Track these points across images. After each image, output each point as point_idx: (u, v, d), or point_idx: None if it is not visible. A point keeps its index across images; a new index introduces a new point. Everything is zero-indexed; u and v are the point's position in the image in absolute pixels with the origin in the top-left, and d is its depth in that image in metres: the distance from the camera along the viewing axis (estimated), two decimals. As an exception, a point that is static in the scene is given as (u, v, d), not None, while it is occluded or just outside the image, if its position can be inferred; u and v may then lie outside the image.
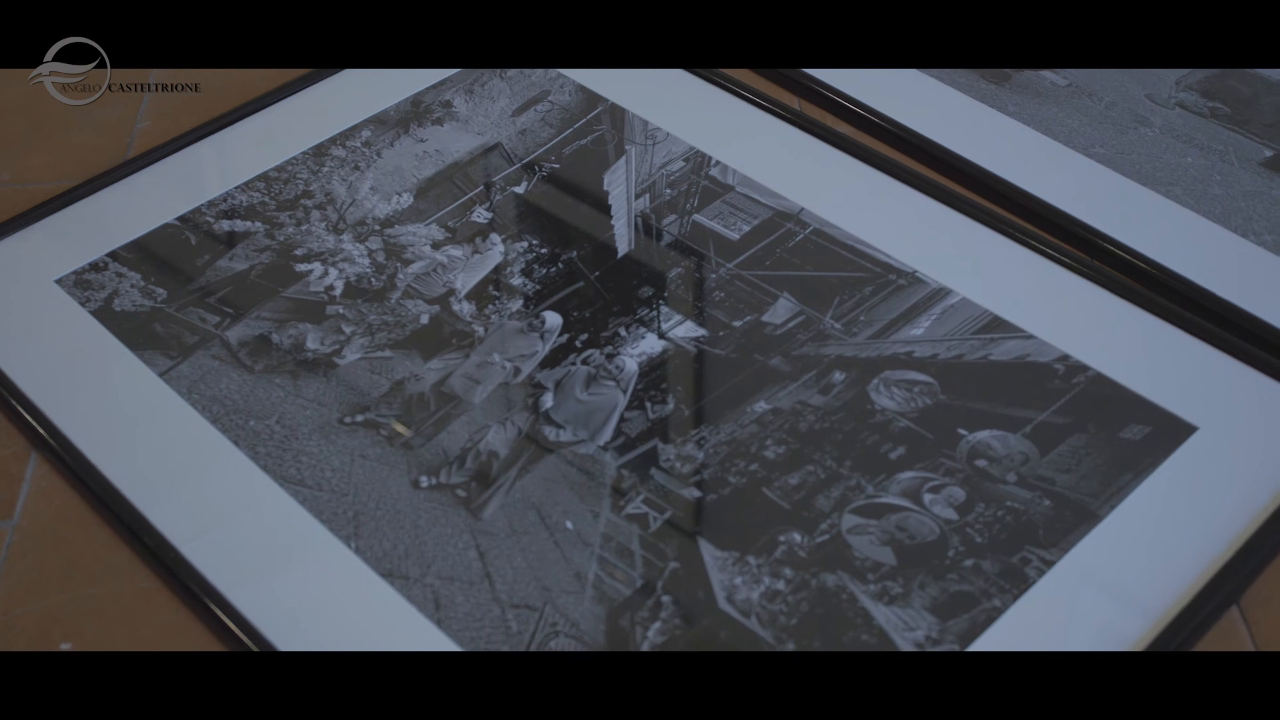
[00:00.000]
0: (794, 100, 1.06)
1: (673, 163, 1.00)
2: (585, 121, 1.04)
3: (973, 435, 0.83)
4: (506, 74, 1.08)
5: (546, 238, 0.96)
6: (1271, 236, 0.95)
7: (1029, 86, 1.06)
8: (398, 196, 0.99)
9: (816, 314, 0.90)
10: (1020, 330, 0.88)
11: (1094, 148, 1.01)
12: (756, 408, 0.84)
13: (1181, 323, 0.89)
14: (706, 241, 0.95)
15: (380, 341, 0.90)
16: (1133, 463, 0.81)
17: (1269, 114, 1.04)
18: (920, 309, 0.90)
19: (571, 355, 0.88)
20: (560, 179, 1.00)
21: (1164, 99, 1.06)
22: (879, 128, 1.03)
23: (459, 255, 0.95)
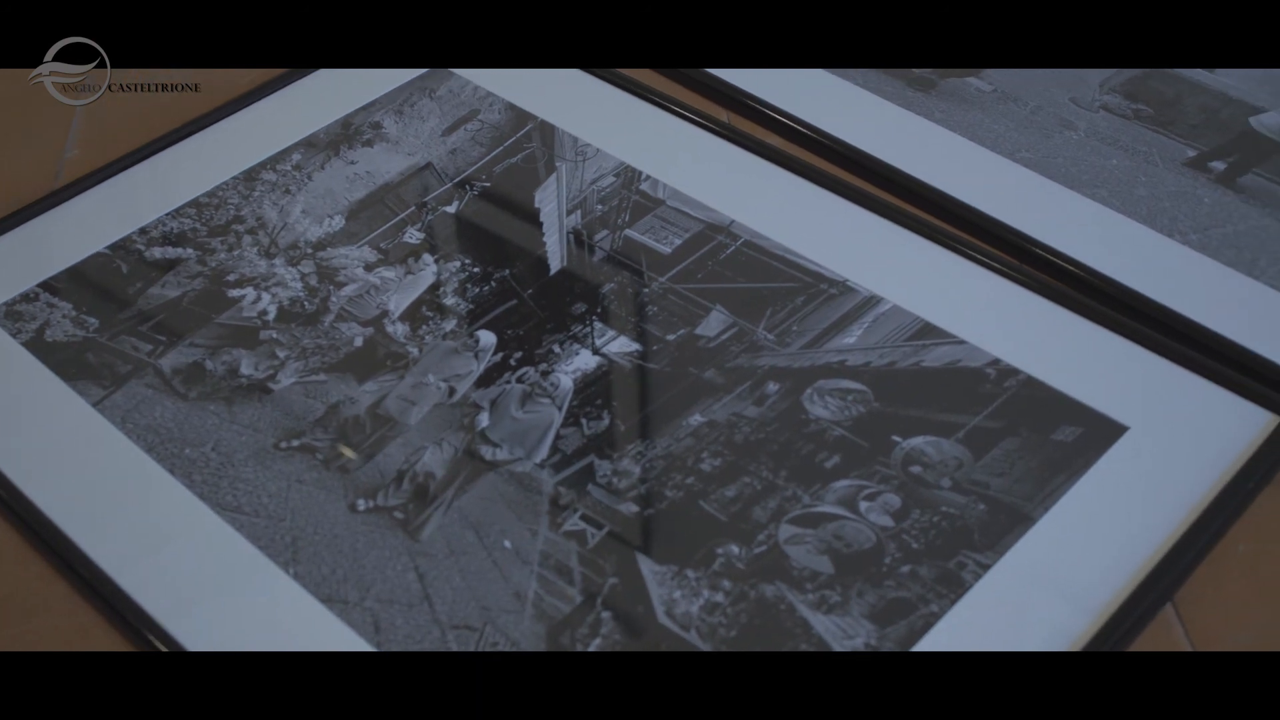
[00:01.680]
0: (723, 113, 1.07)
1: (603, 178, 1.01)
2: (515, 139, 1.04)
3: (907, 442, 0.83)
4: (436, 94, 1.08)
5: (479, 256, 0.96)
6: (1197, 235, 0.96)
7: (955, 93, 1.07)
8: (329, 219, 0.99)
9: (749, 325, 0.90)
10: (951, 336, 0.89)
11: (1020, 152, 1.02)
12: (692, 421, 0.85)
13: (1110, 324, 0.90)
14: (639, 256, 0.95)
15: (314, 365, 0.89)
16: (1065, 464, 0.82)
17: (1192, 115, 1.06)
18: (852, 317, 0.90)
19: (506, 374, 0.88)
20: (492, 197, 1.00)
21: (1088, 102, 1.07)
22: (807, 138, 1.04)
23: (392, 276, 0.95)
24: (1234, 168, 1.01)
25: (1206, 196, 0.99)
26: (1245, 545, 0.80)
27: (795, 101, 1.06)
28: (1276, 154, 1.02)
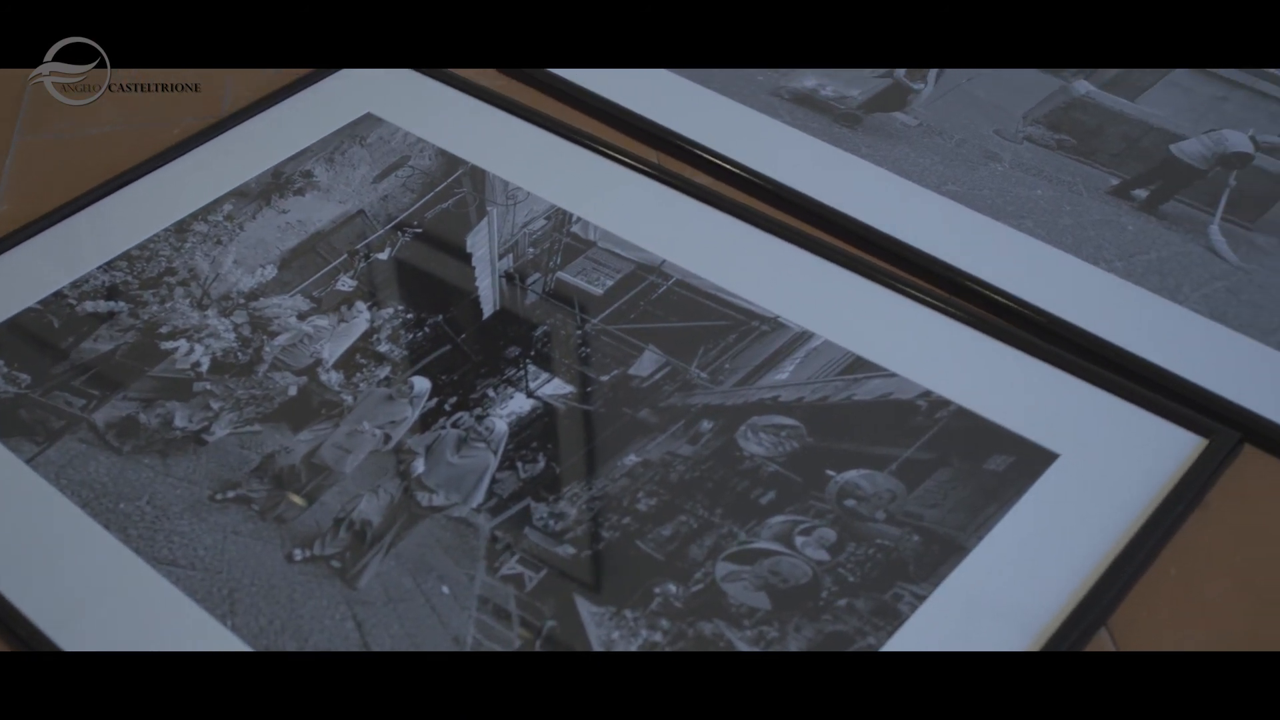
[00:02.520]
0: (653, 154, 1.08)
1: (534, 221, 1.01)
2: (446, 184, 1.05)
3: (841, 476, 0.84)
4: (367, 141, 1.09)
5: (412, 303, 0.96)
6: (1121, 263, 0.97)
7: (881, 128, 1.08)
8: (262, 269, 0.99)
9: (682, 364, 0.91)
10: (882, 369, 0.90)
11: (946, 185, 1.03)
12: (627, 461, 0.85)
13: (1039, 352, 0.91)
14: (571, 298, 0.96)
15: (249, 416, 0.89)
16: (997, 493, 0.83)
17: (1114, 143, 1.07)
18: (784, 353, 0.91)
19: (441, 419, 0.88)
20: (424, 243, 1.01)
21: (1012, 134, 1.08)
22: (736, 176, 1.04)
23: (325, 325, 0.95)
24: (1156, 195, 1.03)
25: (1130, 224, 1.00)
26: (1176, 568, 0.81)
27: (724, 140, 1.07)
28: (1197, 180, 1.04)
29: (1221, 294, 0.95)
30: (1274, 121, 1.09)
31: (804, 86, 1.13)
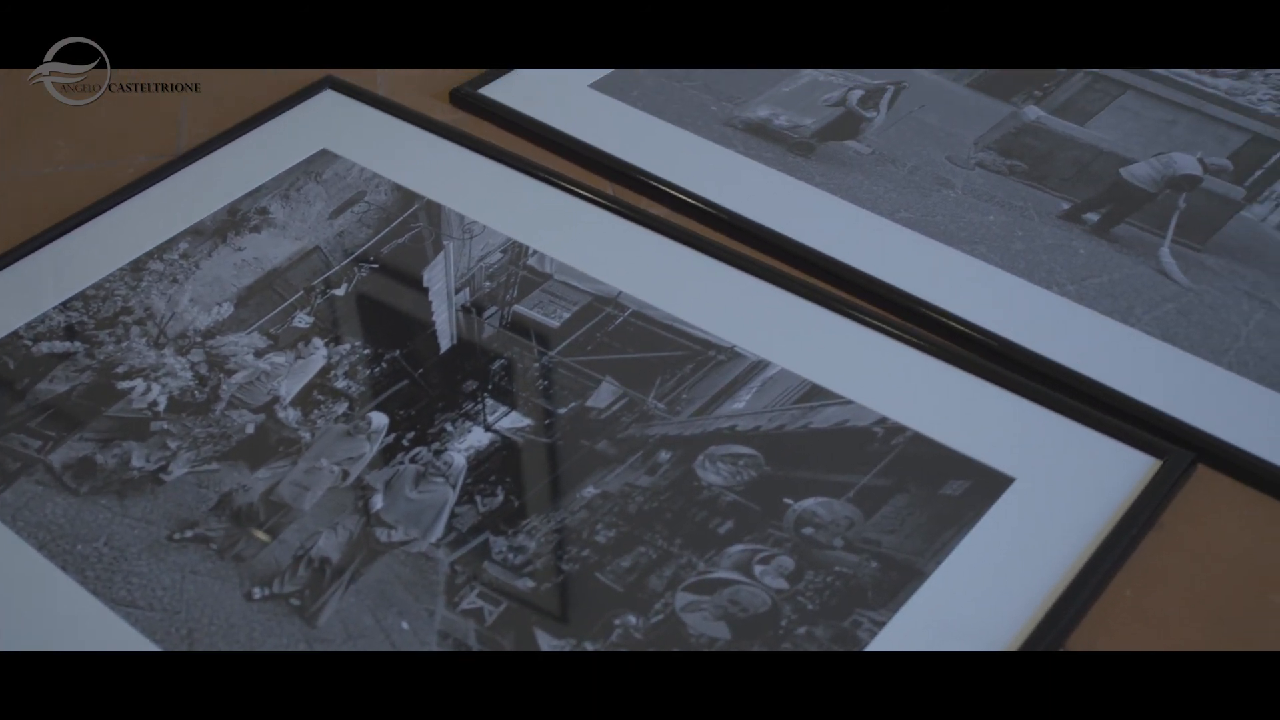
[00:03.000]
0: (608, 185, 1.08)
1: (491, 255, 1.02)
2: (402, 219, 1.05)
3: (798, 504, 0.84)
4: (322, 177, 1.09)
5: (369, 338, 0.97)
6: (1074, 286, 0.98)
7: (834, 157, 1.09)
8: (218, 307, 0.99)
9: (639, 395, 0.91)
10: (839, 396, 0.90)
11: (899, 212, 1.04)
12: (585, 493, 0.85)
13: (993, 377, 0.92)
14: (528, 331, 0.96)
15: (206, 454, 0.89)
16: (954, 518, 0.83)
17: (1065, 168, 1.08)
18: (740, 383, 0.92)
19: (399, 454, 0.88)
20: (380, 278, 1.01)
21: (964, 160, 1.09)
22: (692, 207, 1.05)
23: (282, 362, 0.95)
24: (1107, 218, 1.04)
25: (1082, 248, 1.01)
26: (1132, 589, 0.81)
27: (679, 171, 1.08)
28: (1147, 203, 1.05)
29: (1173, 315, 0.96)
30: (1221, 144, 1.10)
31: (757, 116, 1.13)
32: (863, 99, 1.15)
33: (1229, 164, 1.08)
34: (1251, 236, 1.02)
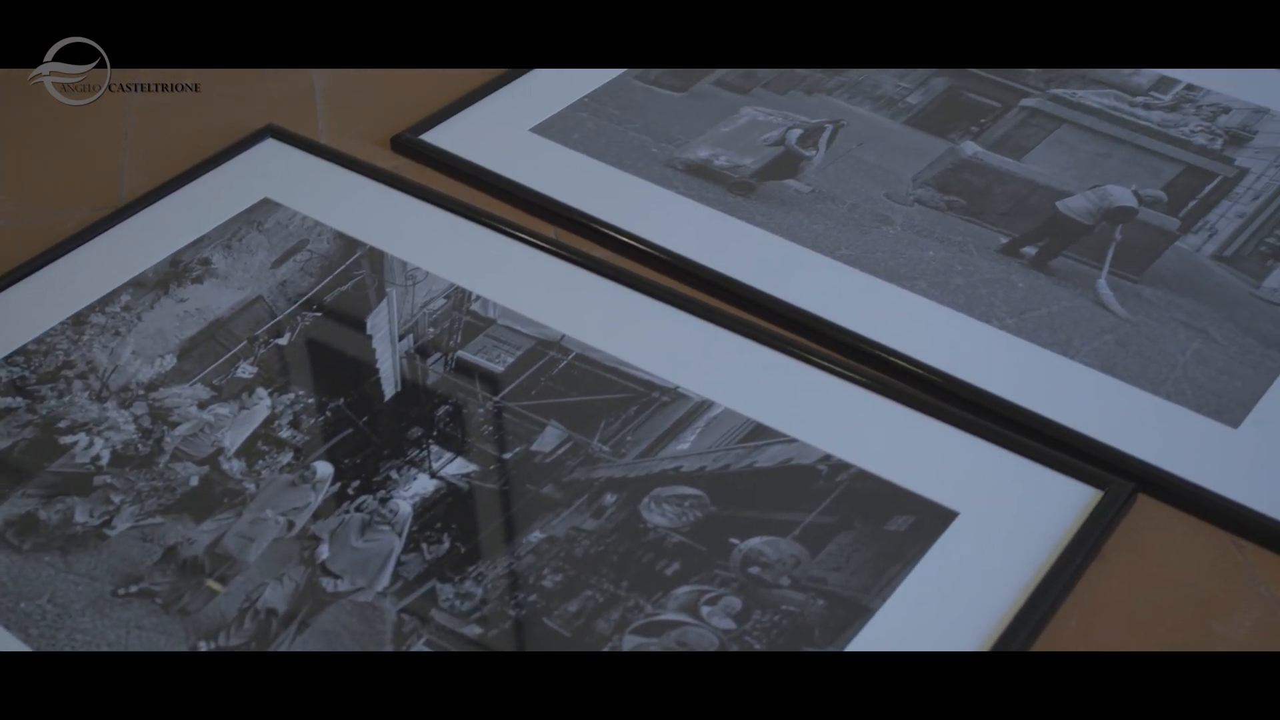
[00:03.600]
0: (550, 229, 1.08)
1: (434, 301, 1.02)
2: (345, 267, 1.05)
3: (744, 543, 0.85)
4: (264, 226, 1.09)
5: (313, 387, 0.96)
6: (1013, 320, 0.99)
7: (774, 196, 1.10)
8: (160, 359, 0.99)
9: (584, 439, 0.91)
10: (783, 435, 0.91)
11: (840, 249, 1.05)
12: (532, 538, 0.85)
13: (935, 412, 0.92)
14: (472, 377, 0.96)
15: (150, 508, 0.89)
16: (899, 554, 0.84)
17: (1002, 203, 1.09)
18: (684, 424, 0.92)
19: (345, 503, 0.88)
20: (324, 327, 1.01)
21: (903, 197, 1.10)
22: (634, 249, 1.05)
23: (226, 413, 0.95)
24: (1045, 251, 1.05)
25: (1020, 281, 1.02)
26: (1077, 620, 0.82)
27: (620, 213, 1.08)
28: (1084, 235, 1.06)
29: (1111, 346, 0.97)
30: (1155, 176, 1.11)
31: (697, 157, 1.14)
32: (801, 138, 1.16)
33: (1163, 195, 1.10)
34: (1187, 266, 1.04)
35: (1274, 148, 1.14)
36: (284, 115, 1.21)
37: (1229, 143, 1.15)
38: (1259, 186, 1.11)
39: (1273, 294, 1.01)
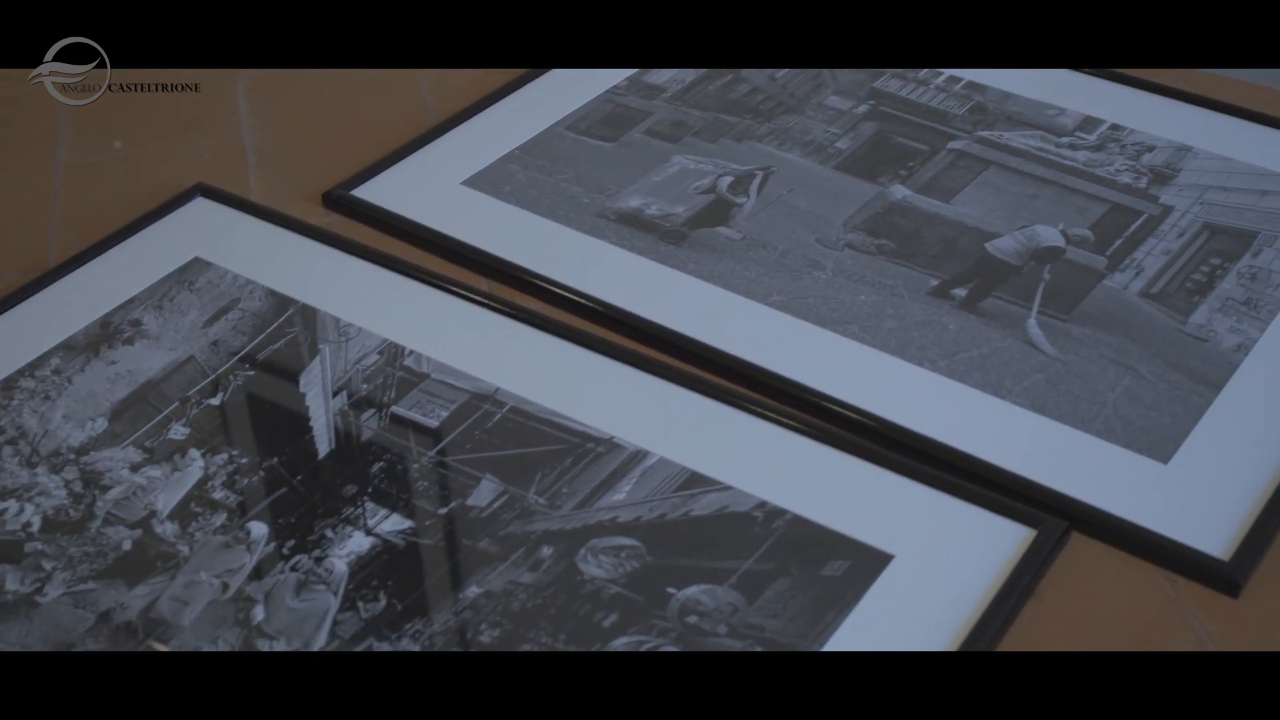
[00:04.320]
0: (483, 282, 1.09)
1: (367, 357, 1.02)
2: (277, 325, 1.05)
3: (682, 592, 0.85)
4: (195, 285, 1.08)
5: (246, 447, 0.96)
6: (945, 361, 1.00)
7: (705, 243, 1.10)
8: (92, 422, 0.98)
9: (520, 492, 0.91)
10: (718, 483, 0.91)
11: (772, 295, 1.05)
12: (468, 593, 0.85)
13: (869, 455, 0.93)
14: (406, 432, 0.96)
15: (83, 574, 0.88)
16: (836, 599, 0.84)
17: (932, 245, 1.10)
18: (620, 474, 0.92)
19: (280, 563, 0.88)
20: (256, 386, 1.00)
21: (833, 241, 1.11)
22: (567, 300, 1.06)
23: (158, 475, 0.94)
24: (975, 293, 1.06)
25: (951, 323, 1.03)
26: (1014, 660, 0.83)
27: (552, 264, 1.08)
28: (1013, 276, 1.07)
29: (1042, 386, 0.98)
30: (1082, 215, 1.13)
31: (629, 206, 1.15)
32: (732, 185, 1.17)
33: (1090, 234, 1.11)
34: (1115, 304, 1.05)
35: (1197, 184, 1.16)
36: (214, 173, 1.21)
37: (1154, 181, 1.16)
38: (1183, 223, 1.12)
39: (1199, 330, 1.02)
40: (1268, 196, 1.14)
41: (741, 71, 1.31)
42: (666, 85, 1.30)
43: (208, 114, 1.29)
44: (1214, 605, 0.85)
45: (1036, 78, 1.28)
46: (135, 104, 1.28)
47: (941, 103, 1.26)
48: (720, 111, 1.26)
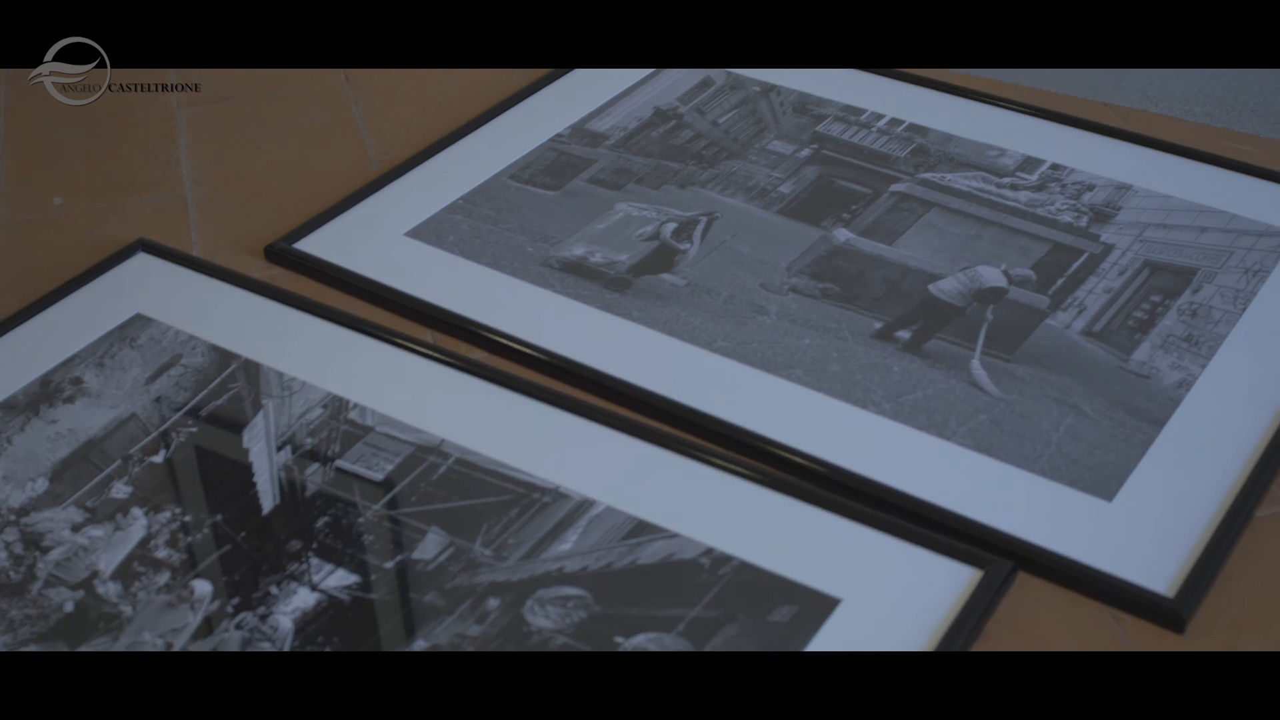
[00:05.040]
0: (427, 333, 1.08)
1: (311, 411, 1.01)
2: (220, 380, 1.04)
3: (629, 641, 0.84)
4: (137, 342, 1.08)
5: (190, 504, 0.95)
6: (889, 404, 1.00)
7: (650, 290, 1.10)
8: (32, 482, 0.97)
9: (466, 543, 0.91)
10: (665, 530, 0.91)
11: (717, 341, 1.05)
12: (415, 647, 0.84)
13: (816, 500, 0.93)
14: (351, 486, 0.95)
15: (24, 637, 0.87)
16: (784, 644, 0.84)
17: (875, 287, 1.11)
18: (567, 523, 0.92)
19: (225, 622, 0.87)
20: (200, 442, 1.00)
21: (777, 286, 1.11)
22: (511, 349, 1.05)
23: (100, 535, 0.93)
24: (919, 334, 1.06)
25: (895, 365, 1.03)
26: (963, 702, 0.82)
27: (497, 314, 1.08)
28: (956, 317, 1.08)
29: (986, 426, 0.98)
30: (1024, 255, 1.13)
31: (573, 255, 1.15)
32: (676, 231, 1.17)
33: (1032, 274, 1.12)
34: (1058, 344, 1.05)
35: (1138, 222, 1.17)
36: (156, 228, 1.21)
37: (1094, 220, 1.17)
38: (1124, 262, 1.13)
39: (1141, 367, 1.03)
40: (1206, 233, 1.15)
41: (684, 117, 1.31)
42: (609, 132, 1.30)
43: (149, 168, 1.28)
44: (1160, 642, 0.85)
45: (977, 118, 1.29)
46: (76, 160, 1.28)
47: (884, 145, 1.27)
48: (663, 158, 1.26)
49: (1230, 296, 1.09)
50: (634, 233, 1.17)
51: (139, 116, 1.33)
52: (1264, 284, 1.10)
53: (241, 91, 1.36)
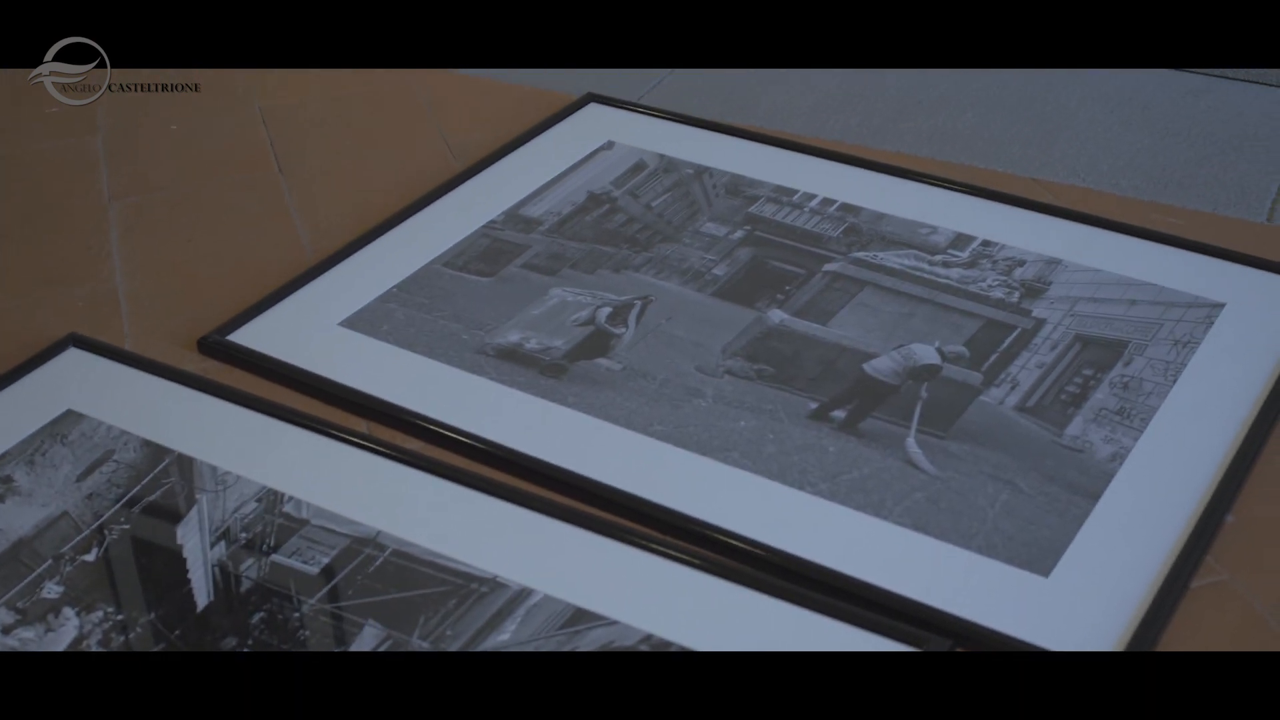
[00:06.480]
0: (361, 424, 1.08)
1: (246, 505, 1.00)
2: (153, 476, 1.03)
3: (569, 732, 0.84)
4: (68, 439, 1.07)
5: (123, 603, 0.94)
6: (826, 484, 1.00)
7: (586, 376, 1.11)
8: (-39, 585, 0.96)
9: (404, 636, 0.90)
10: (603, 618, 0.90)
11: (653, 425, 1.05)
12: (352, 744, 0.84)
13: (753, 583, 0.92)
14: (287, 581, 0.94)
15: (-48, 744, 0.85)
16: (725, 731, 0.83)
17: (811, 368, 1.11)
18: (505, 613, 0.91)
19: (158, 723, 0.86)
20: (132, 540, 0.99)
21: (713, 368, 1.11)
22: (446, 438, 1.05)
23: (31, 636, 0.92)
24: (854, 414, 1.07)
25: (831, 445, 1.04)
26: (905, 784, 0.82)
27: (432, 403, 1.08)
28: (891, 395, 1.08)
29: (922, 504, 0.98)
30: (957, 332, 1.14)
31: (508, 342, 1.15)
32: (611, 316, 1.17)
33: (966, 351, 1.13)
34: (992, 420, 1.06)
35: (1068, 296, 1.18)
36: (87, 322, 1.20)
37: (1026, 295, 1.18)
38: (1056, 336, 1.14)
39: (1074, 441, 1.04)
40: (1136, 306, 1.16)
41: (617, 201, 1.32)
42: (543, 218, 1.30)
43: (79, 262, 1.28)
44: (1101, 718, 0.85)
45: (909, 196, 1.31)
46: (6, 251, 1.27)
47: (816, 225, 1.28)
48: (597, 242, 1.27)
49: (1161, 369, 1.10)
50: (569, 318, 1.18)
51: (72, 206, 1.33)
52: (1194, 355, 1.11)
53: (173, 181, 1.36)
